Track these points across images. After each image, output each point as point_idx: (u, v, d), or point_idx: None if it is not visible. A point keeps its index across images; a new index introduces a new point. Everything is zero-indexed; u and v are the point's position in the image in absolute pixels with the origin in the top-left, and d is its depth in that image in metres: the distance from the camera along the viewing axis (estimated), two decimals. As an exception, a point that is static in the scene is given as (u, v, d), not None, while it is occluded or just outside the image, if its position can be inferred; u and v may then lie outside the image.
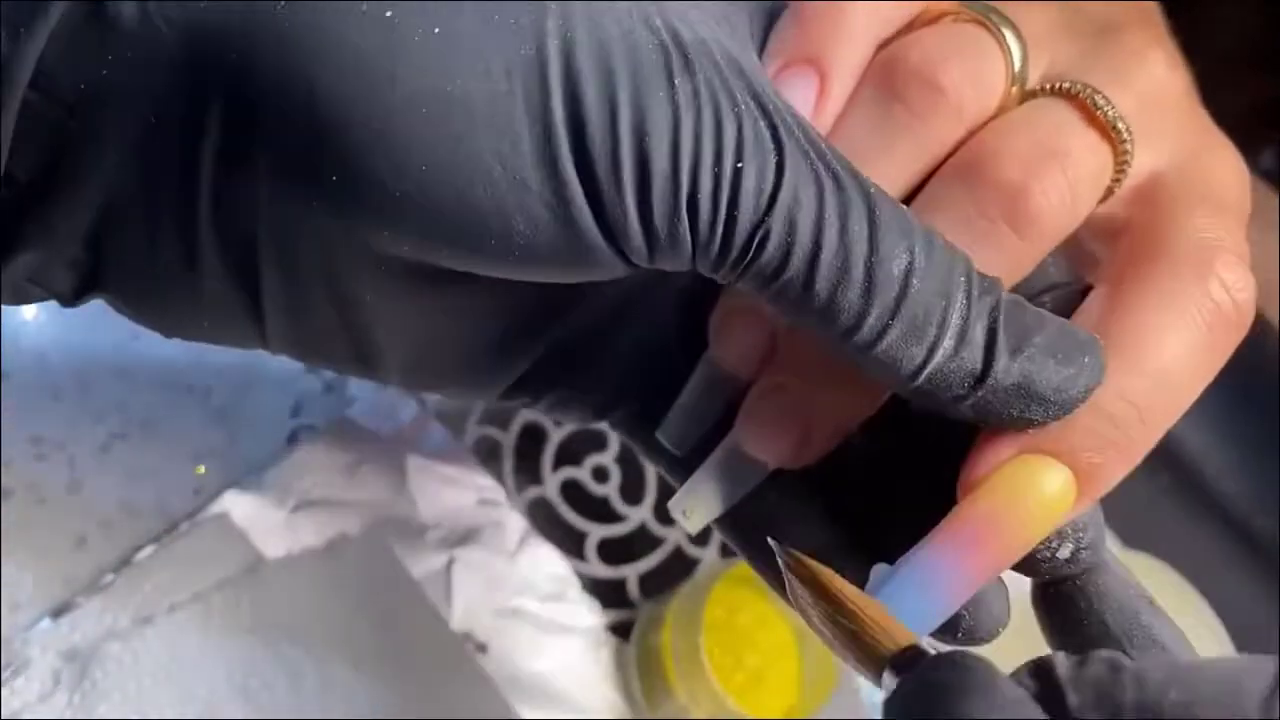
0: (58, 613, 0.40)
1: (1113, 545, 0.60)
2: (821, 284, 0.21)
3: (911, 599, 0.23)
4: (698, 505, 0.27)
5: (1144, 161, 0.26)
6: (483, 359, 0.28)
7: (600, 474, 0.51)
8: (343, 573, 0.43)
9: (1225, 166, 0.27)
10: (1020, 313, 0.23)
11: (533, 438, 0.50)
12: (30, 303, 0.25)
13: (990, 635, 0.25)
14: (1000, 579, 0.25)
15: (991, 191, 0.24)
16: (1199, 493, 0.59)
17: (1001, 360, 0.22)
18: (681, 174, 0.21)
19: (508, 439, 0.50)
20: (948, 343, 0.22)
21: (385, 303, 0.25)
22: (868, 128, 0.25)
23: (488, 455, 0.49)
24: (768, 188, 0.21)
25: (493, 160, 0.21)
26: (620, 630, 0.48)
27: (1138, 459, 0.24)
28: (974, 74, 0.25)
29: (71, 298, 0.25)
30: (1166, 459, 0.57)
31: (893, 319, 0.21)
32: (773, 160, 0.21)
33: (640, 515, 0.51)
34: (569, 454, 0.51)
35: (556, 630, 0.47)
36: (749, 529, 0.27)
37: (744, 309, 0.27)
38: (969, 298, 0.22)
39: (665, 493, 0.52)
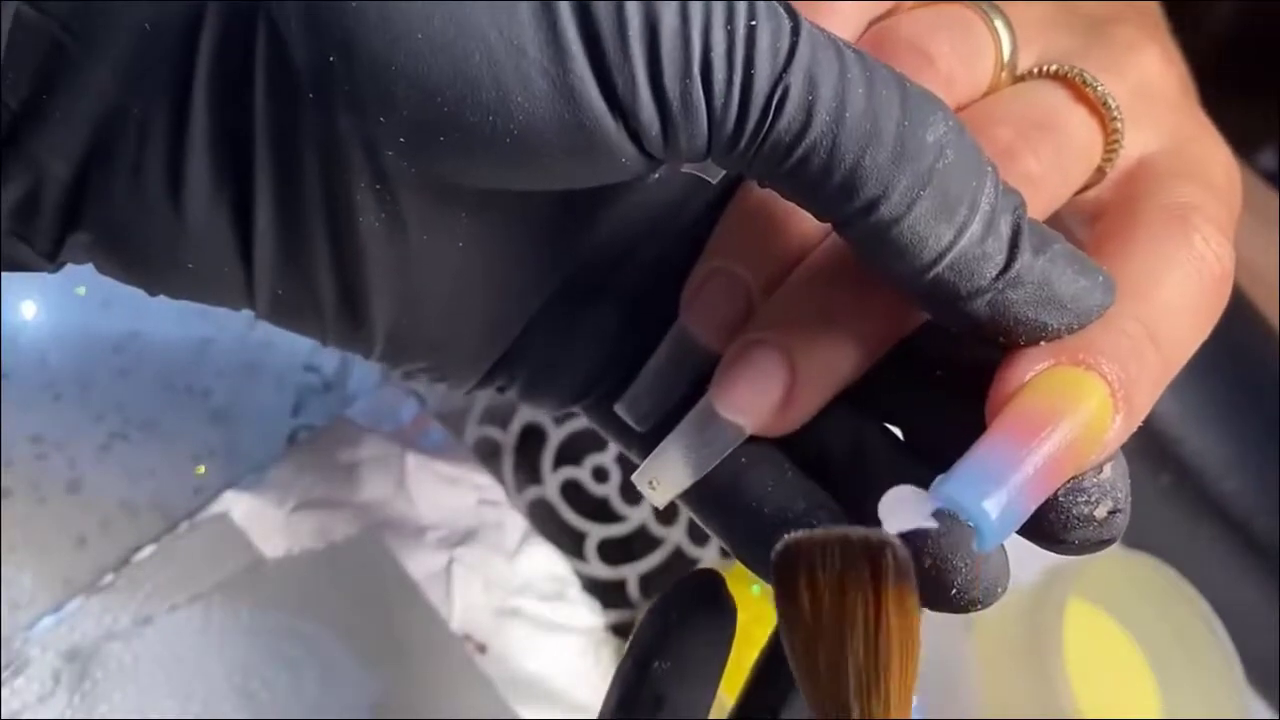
0: (58, 613, 0.40)
1: (1112, 545, 0.60)
2: (848, 145, 0.20)
3: (976, 500, 0.20)
4: (665, 475, 0.25)
5: (1134, 145, 0.26)
6: (469, 323, 0.27)
7: (600, 474, 0.51)
8: (343, 573, 0.43)
9: (1215, 158, 0.27)
10: (1041, 226, 0.22)
11: (533, 438, 0.50)
12: (7, 269, 0.24)
13: (988, 598, 0.23)
14: (1001, 547, 0.23)
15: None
16: (1199, 493, 0.59)
17: (1026, 255, 0.21)
18: (692, 30, 0.20)
19: (508, 439, 0.50)
20: (976, 227, 0.21)
21: (380, 228, 0.24)
22: None
23: (488, 455, 0.49)
24: (784, 45, 0.20)
25: (489, 26, 0.20)
26: (620, 630, 0.48)
27: (1159, 384, 0.23)
28: (964, 51, 0.25)
29: (52, 247, 0.24)
30: (1166, 459, 0.57)
31: (924, 189, 0.20)
32: (787, 24, 0.20)
33: (640, 515, 0.51)
34: (569, 454, 0.51)
35: (556, 630, 0.47)
36: (720, 502, 0.26)
37: (721, 272, 0.26)
38: (997, 189, 0.21)
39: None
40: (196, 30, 0.21)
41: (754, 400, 0.24)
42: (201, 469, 0.44)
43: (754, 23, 0.20)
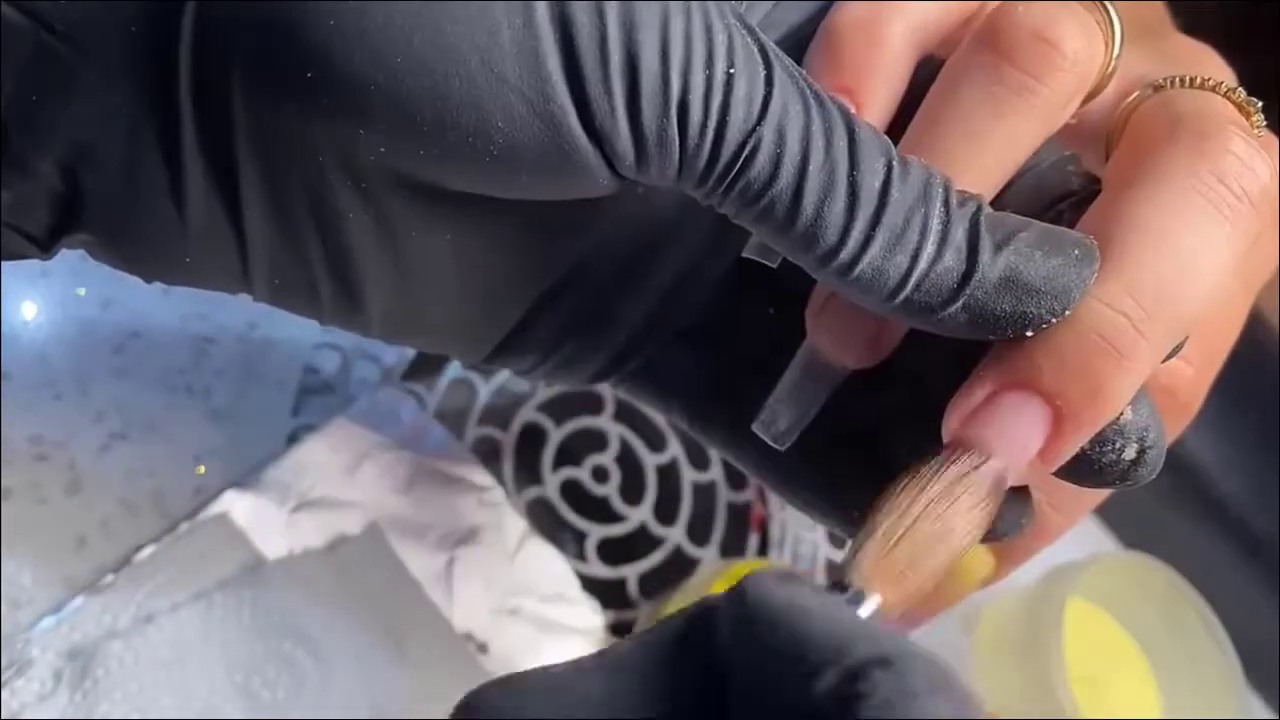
0: (58, 612, 0.40)
1: (1113, 545, 0.60)
2: (809, 198, 0.21)
3: None
4: (785, 421, 0.26)
5: (1136, 66, 0.26)
6: (467, 304, 0.27)
7: (600, 474, 0.51)
8: (343, 573, 0.43)
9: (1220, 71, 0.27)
10: (1004, 218, 0.22)
11: (533, 438, 0.50)
12: (6, 259, 0.25)
13: (1012, 529, 0.25)
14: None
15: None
16: (1199, 493, 0.59)
17: (985, 255, 0.22)
18: (672, 72, 0.20)
19: (508, 439, 0.50)
20: (930, 247, 0.21)
21: (370, 225, 0.24)
22: (980, 97, 0.24)
23: (488, 455, 0.49)
24: (758, 97, 0.21)
25: (469, 51, 0.20)
26: (620, 630, 0.48)
27: (1142, 372, 0.22)
28: (1083, 40, 0.24)
29: (47, 239, 0.24)
30: (1166, 459, 0.57)
31: (874, 229, 0.21)
32: (762, 72, 0.21)
33: (640, 515, 0.51)
34: (569, 454, 0.51)
35: (556, 630, 0.47)
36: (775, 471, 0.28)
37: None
38: (947, 206, 0.22)
39: (665, 493, 0.52)
40: (177, 30, 0.21)
41: (851, 339, 0.25)
42: (202, 469, 0.44)
43: (732, 71, 0.21)
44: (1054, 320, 0.22)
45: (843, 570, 0.21)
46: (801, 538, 0.54)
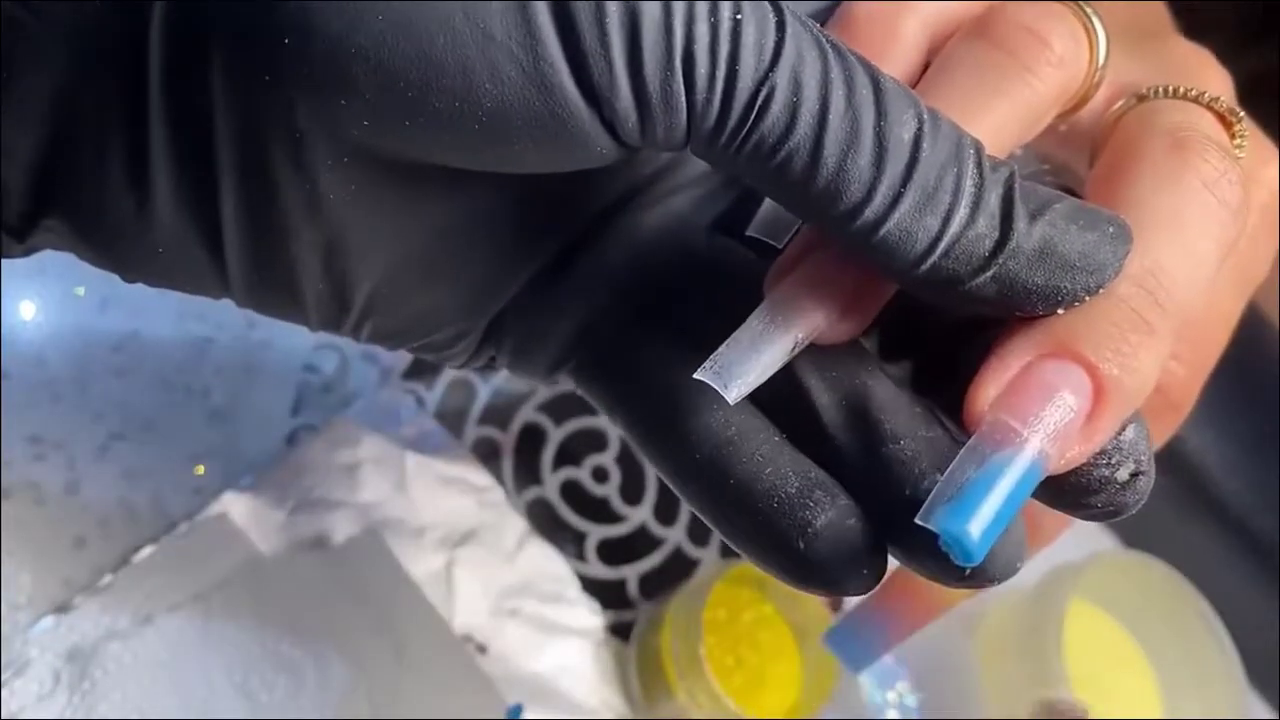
0: (57, 613, 0.40)
1: (1113, 545, 0.60)
2: (830, 150, 0.20)
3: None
4: (737, 369, 0.23)
5: (1125, 73, 0.26)
6: (452, 295, 0.26)
7: (600, 474, 0.51)
8: (343, 573, 0.43)
9: (1212, 79, 0.26)
10: (1037, 187, 0.21)
11: (533, 438, 0.50)
12: None
13: (1003, 575, 0.22)
14: (1020, 517, 0.22)
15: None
16: (1199, 493, 0.59)
17: (1021, 224, 0.21)
18: (675, 20, 0.19)
19: (507, 439, 0.50)
20: (963, 210, 0.20)
21: (350, 211, 0.23)
22: (971, 79, 0.24)
23: (488, 455, 0.49)
24: (769, 43, 0.20)
25: (454, 8, 0.19)
26: (620, 631, 0.48)
27: (1165, 350, 0.22)
28: (1070, 40, 0.24)
29: (20, 230, 0.23)
30: (1166, 459, 0.57)
31: (905, 186, 0.20)
32: (772, 19, 0.20)
33: (640, 515, 0.51)
34: (569, 454, 0.51)
35: (556, 631, 0.47)
36: (711, 481, 0.24)
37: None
38: (981, 168, 0.21)
39: (665, 494, 0.52)
40: (148, 7, 0.21)
41: (823, 298, 0.23)
42: (201, 469, 0.44)
43: (739, 16, 0.19)
44: (1087, 298, 0.21)
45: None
46: (801, 538, 0.54)
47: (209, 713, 0.40)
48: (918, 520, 0.20)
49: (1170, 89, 0.25)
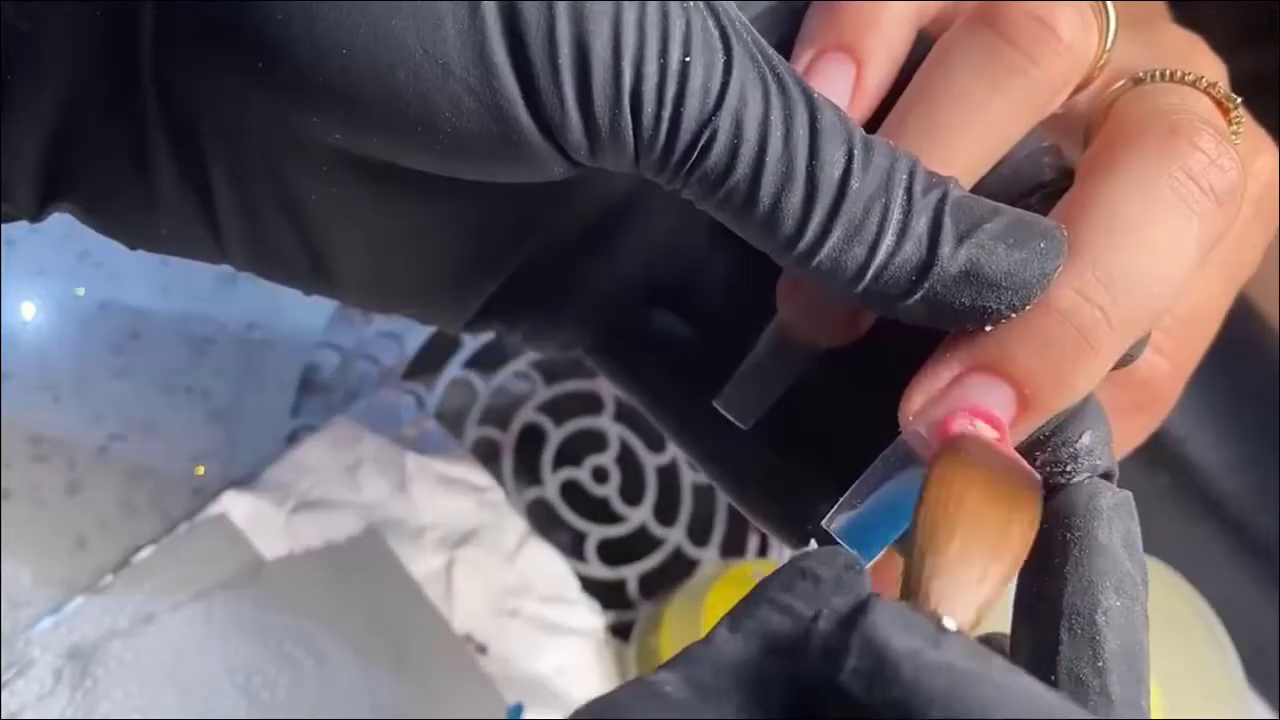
0: (57, 613, 0.40)
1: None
2: (766, 189, 0.21)
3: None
4: (750, 397, 0.26)
5: (1123, 58, 0.25)
6: (443, 277, 0.27)
7: (600, 474, 0.51)
8: (343, 573, 0.43)
9: (1208, 67, 0.26)
10: (972, 205, 0.22)
11: (533, 438, 0.50)
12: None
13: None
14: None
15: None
16: (1199, 493, 0.59)
17: (946, 248, 0.21)
18: (624, 63, 0.20)
19: (508, 439, 0.50)
20: (889, 239, 0.21)
21: (334, 205, 0.24)
22: (970, 72, 0.24)
23: (487, 455, 0.49)
24: (715, 86, 0.20)
25: (414, 42, 0.20)
26: (620, 631, 0.48)
27: (1106, 364, 0.22)
28: (1079, 24, 0.24)
29: (35, 209, 0.25)
30: (1166, 459, 0.57)
31: (833, 221, 0.21)
32: (720, 59, 0.21)
33: (640, 516, 0.51)
34: (569, 454, 0.51)
35: (556, 631, 0.47)
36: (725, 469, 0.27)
37: None
38: (910, 194, 0.21)
39: (665, 494, 0.52)
40: (138, 22, 0.22)
41: (826, 317, 0.24)
42: (201, 469, 0.44)
43: (688, 59, 0.20)
44: (1013, 315, 0.22)
45: (916, 600, 0.19)
46: (801, 538, 0.54)
47: (210, 712, 0.40)
48: (822, 524, 0.22)
49: (1166, 73, 0.25)
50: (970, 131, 0.23)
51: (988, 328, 0.22)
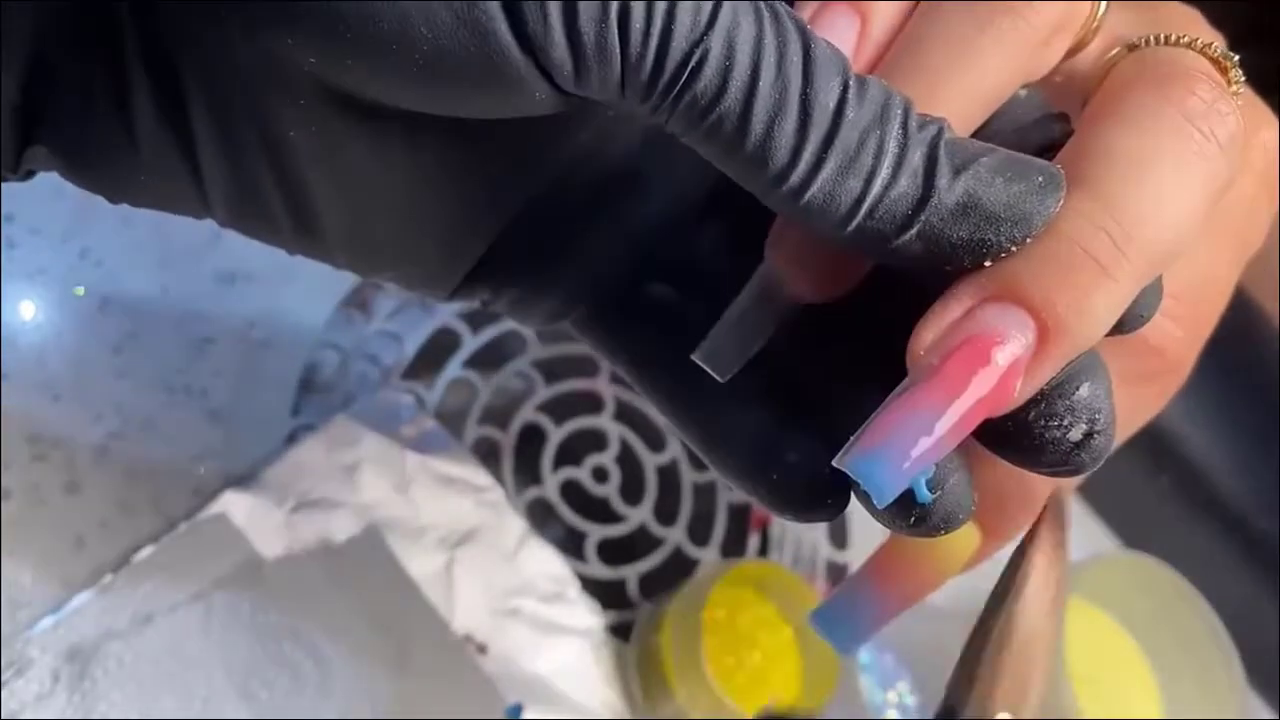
0: (57, 613, 0.40)
1: (1113, 545, 0.60)
2: (759, 116, 0.20)
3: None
4: (729, 348, 0.25)
5: (1121, 26, 0.25)
6: (430, 232, 0.27)
7: (600, 474, 0.51)
8: (343, 573, 0.43)
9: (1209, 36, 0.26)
10: (966, 144, 0.21)
11: (533, 438, 0.50)
12: None
13: (946, 523, 0.23)
14: (964, 464, 0.23)
15: None
16: (1199, 493, 0.59)
17: (943, 179, 0.21)
18: None
19: (507, 439, 0.50)
20: (885, 171, 0.21)
21: (316, 147, 0.24)
22: (960, 16, 0.23)
23: (487, 455, 0.49)
24: (707, 4, 0.20)
25: None
26: (620, 631, 0.48)
27: (1123, 295, 0.21)
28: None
29: (13, 157, 0.24)
30: (1166, 459, 0.57)
31: (826, 151, 0.20)
32: None
33: (640, 515, 0.51)
34: (569, 454, 0.51)
35: (556, 631, 0.47)
36: (707, 438, 0.27)
37: None
38: (905, 128, 0.21)
39: (665, 494, 0.52)
40: None
41: (813, 266, 0.24)
42: (200, 469, 0.44)
43: None
44: (1014, 249, 0.21)
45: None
46: (802, 539, 0.54)
47: (209, 712, 0.40)
48: (834, 463, 0.21)
49: (1164, 37, 0.25)
50: (962, 76, 0.23)
51: (988, 263, 0.21)
